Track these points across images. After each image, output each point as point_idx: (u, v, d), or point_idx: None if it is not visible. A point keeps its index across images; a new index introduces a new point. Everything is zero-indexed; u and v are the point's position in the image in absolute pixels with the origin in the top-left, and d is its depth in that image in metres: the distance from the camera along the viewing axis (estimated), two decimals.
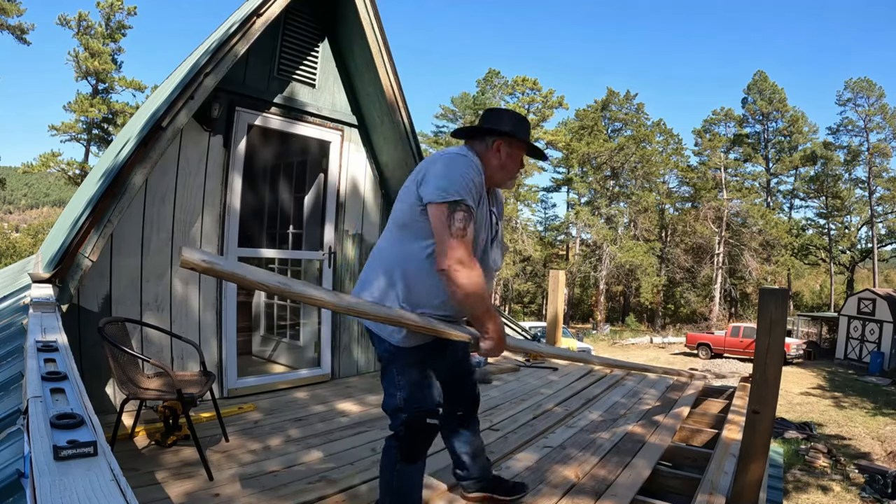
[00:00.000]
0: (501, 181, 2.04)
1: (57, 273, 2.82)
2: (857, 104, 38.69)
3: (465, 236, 1.74)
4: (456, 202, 1.75)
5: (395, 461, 1.95)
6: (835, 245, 40.50)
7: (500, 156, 1.98)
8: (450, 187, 1.76)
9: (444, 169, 1.82)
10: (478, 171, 1.86)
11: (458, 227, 1.74)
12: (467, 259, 1.74)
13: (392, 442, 1.98)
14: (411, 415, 1.92)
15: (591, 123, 41.63)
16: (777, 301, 2.39)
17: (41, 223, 38.47)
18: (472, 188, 1.80)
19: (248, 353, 5.37)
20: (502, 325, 1.91)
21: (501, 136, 1.97)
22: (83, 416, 1.02)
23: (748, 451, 2.47)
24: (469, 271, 1.74)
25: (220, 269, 1.49)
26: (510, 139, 1.98)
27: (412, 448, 1.94)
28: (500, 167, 1.99)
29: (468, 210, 1.76)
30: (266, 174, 5.76)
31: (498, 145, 1.97)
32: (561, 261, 42.77)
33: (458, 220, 1.74)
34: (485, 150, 1.98)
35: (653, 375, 5.53)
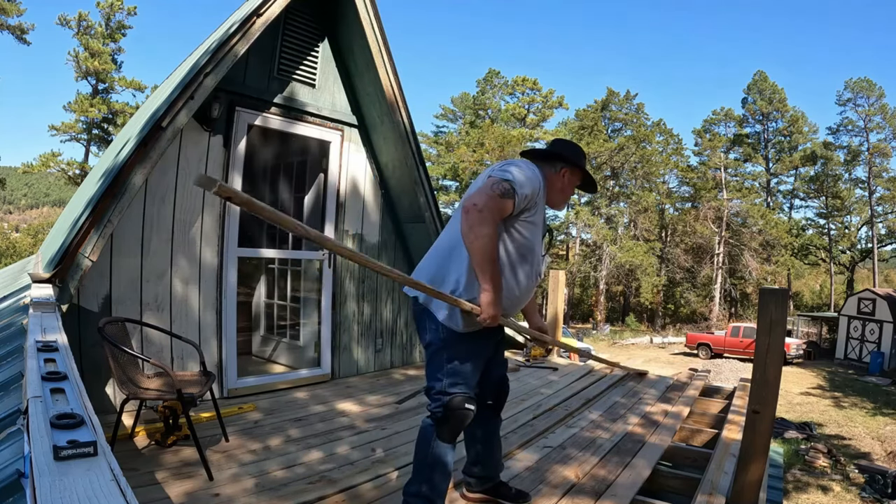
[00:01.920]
0: (557, 203, 2.26)
1: (57, 273, 2.82)
2: (857, 104, 38.69)
3: (498, 197, 1.93)
4: (505, 179, 1.97)
5: (432, 439, 2.09)
6: (835, 245, 40.50)
7: (563, 181, 2.24)
8: (507, 173, 1.99)
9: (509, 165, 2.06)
10: (537, 179, 2.07)
11: (497, 189, 1.94)
12: (486, 209, 1.91)
13: (429, 422, 2.13)
14: (452, 398, 2.05)
15: (591, 123, 41.61)
16: (777, 301, 2.39)
17: (41, 223, 38.46)
18: (525, 184, 2.00)
19: (248, 353, 5.37)
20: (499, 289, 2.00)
21: (570, 165, 2.22)
22: (83, 416, 1.02)
23: (748, 451, 2.47)
24: (481, 224, 1.90)
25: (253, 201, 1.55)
26: (574, 168, 2.23)
27: (450, 430, 2.08)
28: (560, 190, 2.24)
29: (513, 189, 1.96)
30: (266, 174, 5.75)
31: (564, 172, 2.23)
32: (561, 261, 42.76)
33: (499, 186, 1.95)
34: (552, 172, 2.22)
35: (652, 375, 5.53)
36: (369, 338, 5.04)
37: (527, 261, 2.12)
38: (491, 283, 1.96)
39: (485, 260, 1.94)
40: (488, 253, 1.94)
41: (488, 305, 1.96)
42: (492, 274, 1.96)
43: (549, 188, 2.20)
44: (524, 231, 2.08)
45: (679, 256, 39.07)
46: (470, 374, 2.11)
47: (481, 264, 1.95)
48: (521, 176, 2.00)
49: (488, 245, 1.93)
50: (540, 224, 2.14)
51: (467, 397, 2.08)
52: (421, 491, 2.08)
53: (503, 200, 1.95)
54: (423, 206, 4.98)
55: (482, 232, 1.91)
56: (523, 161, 2.16)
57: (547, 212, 2.26)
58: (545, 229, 2.23)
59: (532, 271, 2.16)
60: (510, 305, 2.14)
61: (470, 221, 1.92)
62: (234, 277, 4.02)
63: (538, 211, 2.10)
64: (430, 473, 2.08)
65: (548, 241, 2.28)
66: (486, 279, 1.95)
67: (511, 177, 1.98)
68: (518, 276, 2.12)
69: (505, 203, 1.95)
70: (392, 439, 3.21)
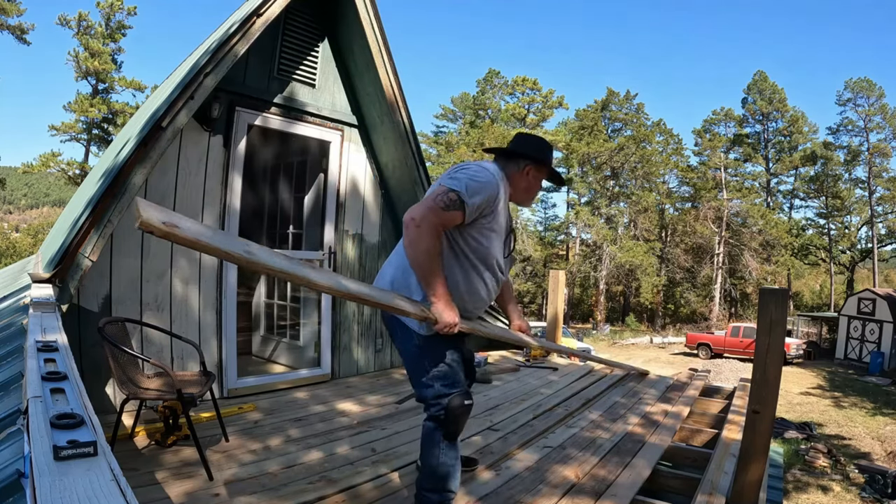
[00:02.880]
0: (523, 200, 2.26)
1: (57, 273, 2.82)
2: (857, 104, 38.69)
3: (441, 210, 1.90)
4: (452, 190, 1.92)
5: (439, 442, 2.09)
6: (835, 245, 40.50)
7: (528, 178, 2.20)
8: (456, 181, 1.95)
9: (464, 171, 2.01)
10: (495, 184, 2.02)
11: (440, 200, 1.90)
12: (428, 224, 1.88)
13: (432, 425, 2.10)
14: (450, 399, 2.05)
15: (591, 123, 41.61)
16: (777, 301, 2.39)
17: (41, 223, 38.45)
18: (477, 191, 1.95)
19: (248, 353, 5.37)
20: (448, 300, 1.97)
21: (533, 161, 2.17)
22: (83, 416, 1.02)
23: (748, 451, 2.47)
24: (422, 235, 1.88)
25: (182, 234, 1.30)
26: (539, 165, 2.19)
27: (453, 428, 2.08)
28: (525, 189, 2.21)
29: (460, 201, 1.91)
30: (266, 174, 5.76)
31: (528, 170, 2.18)
32: (561, 261, 42.75)
33: (444, 198, 1.91)
34: (515, 171, 2.17)
35: (652, 375, 5.53)
36: (369, 338, 5.04)
37: (487, 266, 2.11)
38: (437, 295, 1.94)
39: (426, 274, 1.93)
40: (428, 267, 1.92)
41: (441, 314, 1.94)
42: (436, 285, 1.94)
43: (514, 188, 2.18)
44: (481, 239, 2.05)
45: (679, 256, 39.06)
46: (456, 370, 2.12)
47: (424, 278, 1.95)
48: (472, 183, 1.95)
49: (427, 260, 1.91)
50: (500, 230, 2.11)
51: (464, 394, 2.09)
52: (435, 485, 2.11)
53: (447, 213, 1.91)
54: None
55: (420, 248, 1.89)
56: (482, 163, 2.09)
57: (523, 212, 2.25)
58: (508, 231, 2.20)
59: (493, 276, 2.16)
60: (474, 309, 2.17)
61: (409, 237, 1.91)
62: (234, 277, 4.01)
63: (496, 217, 2.06)
64: (442, 470, 2.10)
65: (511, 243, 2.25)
66: (431, 291, 1.94)
67: (460, 186, 1.93)
68: (477, 281, 2.12)
69: (450, 215, 1.92)
70: (392, 439, 3.21)
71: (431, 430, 2.11)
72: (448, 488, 2.13)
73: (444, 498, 2.12)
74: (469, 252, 2.06)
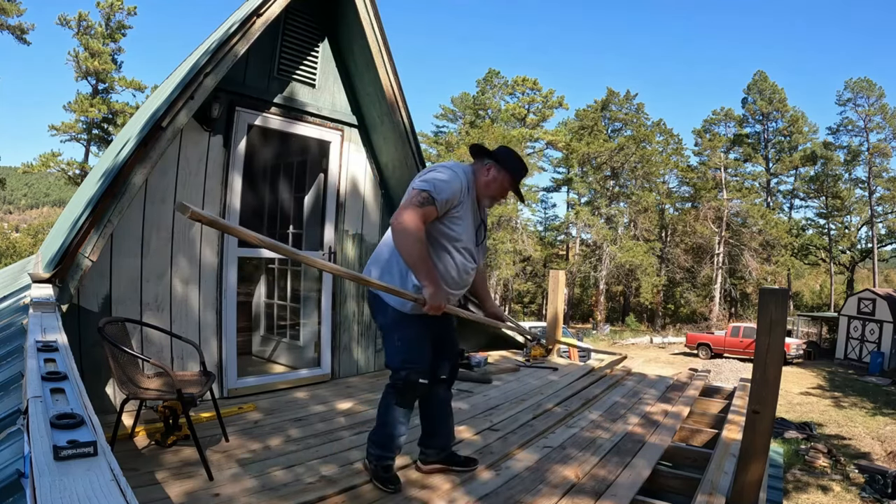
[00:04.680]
0: (483, 195, 2.51)
1: (57, 273, 2.82)
2: (857, 104, 38.68)
3: (418, 207, 2.24)
4: (424, 190, 2.28)
5: (392, 405, 2.48)
6: (835, 245, 40.49)
7: (487, 176, 2.48)
8: (422, 184, 2.31)
9: (430, 172, 2.38)
10: (458, 179, 2.36)
11: (416, 200, 2.26)
12: (409, 222, 2.22)
13: (390, 390, 2.49)
14: (408, 373, 2.40)
15: (591, 123, 41.61)
16: (777, 301, 2.39)
17: (41, 223, 38.45)
18: (443, 187, 2.29)
19: (248, 353, 5.37)
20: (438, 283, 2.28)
21: (495, 161, 2.47)
22: (83, 416, 1.02)
23: (748, 451, 2.47)
24: (405, 232, 2.22)
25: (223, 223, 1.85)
26: (499, 167, 2.47)
27: (404, 397, 2.46)
28: (485, 185, 2.48)
29: (430, 196, 2.27)
30: (266, 174, 5.75)
31: (490, 167, 2.48)
32: (561, 261, 42.74)
33: (419, 198, 2.26)
34: (480, 167, 2.51)
35: (652, 375, 5.53)
36: (369, 338, 5.04)
37: (457, 248, 2.43)
38: (428, 280, 2.24)
39: (417, 264, 2.24)
40: (417, 258, 2.23)
41: (431, 297, 2.23)
42: (426, 272, 2.25)
43: (477, 183, 2.48)
44: (452, 226, 2.39)
45: (679, 256, 39.06)
46: (420, 351, 2.43)
47: (415, 268, 2.26)
48: (438, 182, 2.29)
49: (416, 253, 2.22)
50: (469, 217, 2.43)
51: (420, 372, 2.40)
52: (379, 440, 2.50)
53: (423, 209, 2.25)
54: None
55: (407, 244, 2.22)
56: (448, 164, 2.45)
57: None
58: (478, 222, 2.52)
59: (466, 258, 2.47)
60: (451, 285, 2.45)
61: (396, 239, 2.26)
62: (234, 277, 4.02)
63: (465, 207, 2.40)
64: (388, 430, 2.48)
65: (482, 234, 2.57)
66: (423, 277, 2.25)
67: (429, 186, 2.28)
68: (448, 262, 2.42)
69: (426, 211, 2.26)
70: None
71: (389, 393, 2.50)
72: (389, 447, 2.48)
73: (383, 454, 2.48)
74: (440, 237, 2.39)
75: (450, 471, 2.70)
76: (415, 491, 2.49)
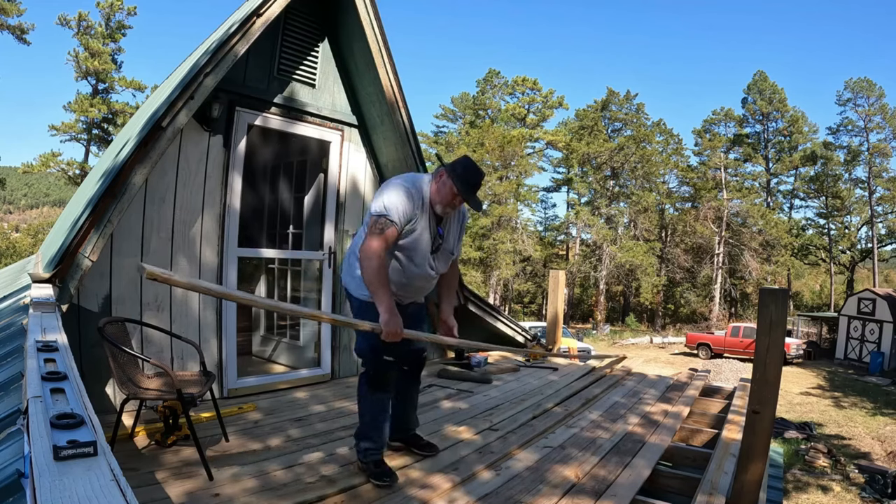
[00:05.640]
0: (434, 204, 2.54)
1: (57, 273, 2.82)
2: (857, 104, 38.67)
3: (378, 234, 2.38)
4: (380, 215, 2.40)
5: (366, 394, 2.63)
6: (835, 245, 40.48)
7: (438, 182, 2.53)
8: (380, 207, 2.41)
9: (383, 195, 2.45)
10: (410, 194, 2.46)
11: (375, 228, 2.40)
12: (372, 250, 2.37)
13: (363, 379, 2.65)
14: (369, 351, 2.57)
15: (591, 123, 41.60)
16: (777, 301, 2.39)
17: (41, 223, 38.41)
18: (396, 207, 2.40)
19: (248, 353, 5.37)
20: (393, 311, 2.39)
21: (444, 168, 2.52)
22: (83, 416, 1.02)
23: (748, 451, 2.47)
24: (368, 261, 2.37)
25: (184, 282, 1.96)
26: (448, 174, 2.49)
27: (376, 381, 2.61)
28: (435, 191, 2.54)
29: (387, 220, 2.40)
30: (266, 174, 5.75)
31: (441, 174, 2.53)
32: (561, 261, 42.75)
33: (378, 225, 2.40)
34: (434, 176, 2.58)
35: (652, 375, 5.53)
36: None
37: (409, 258, 2.55)
38: (384, 307, 2.36)
39: (377, 292, 2.39)
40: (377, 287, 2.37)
41: (385, 323, 2.36)
42: (385, 302, 2.37)
43: (432, 189, 2.54)
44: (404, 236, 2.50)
45: (679, 256, 39.05)
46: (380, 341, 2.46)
47: (374, 295, 2.40)
48: (390, 203, 2.40)
49: (376, 282, 2.37)
50: (423, 227, 2.52)
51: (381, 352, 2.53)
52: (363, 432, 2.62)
53: (385, 235, 2.39)
54: None
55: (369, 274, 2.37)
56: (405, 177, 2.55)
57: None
58: (435, 231, 2.59)
59: (417, 264, 2.57)
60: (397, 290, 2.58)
61: (362, 266, 2.41)
62: (235, 277, 4.01)
63: (418, 220, 2.49)
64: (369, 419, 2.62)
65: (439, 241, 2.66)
66: (380, 305, 2.38)
67: (384, 210, 2.39)
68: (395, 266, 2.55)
69: (388, 235, 2.39)
70: None
71: (362, 383, 2.65)
72: (375, 438, 2.60)
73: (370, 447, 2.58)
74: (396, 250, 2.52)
75: (448, 469, 2.72)
76: (415, 491, 2.49)
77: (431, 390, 4.37)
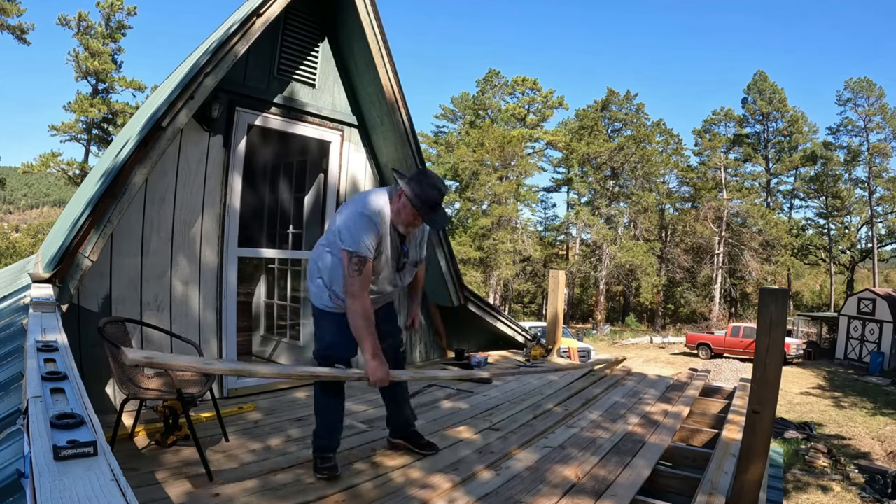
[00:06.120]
0: (398, 223, 2.48)
1: (57, 273, 2.82)
2: (857, 104, 38.65)
3: (357, 275, 2.38)
4: (354, 254, 2.38)
5: (319, 393, 2.70)
6: (835, 245, 40.47)
7: (398, 203, 2.45)
8: (350, 243, 2.38)
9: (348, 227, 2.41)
10: (373, 223, 2.41)
11: (353, 268, 2.39)
12: (356, 291, 2.39)
13: (317, 385, 2.70)
14: (322, 360, 2.61)
15: (591, 123, 41.58)
16: (777, 301, 2.39)
17: (41, 223, 38.39)
18: (364, 242, 2.38)
19: (248, 353, 5.37)
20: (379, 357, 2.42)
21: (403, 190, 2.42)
22: (83, 416, 1.02)
23: (748, 451, 2.47)
24: (353, 303, 2.39)
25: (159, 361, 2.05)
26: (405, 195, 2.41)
27: (328, 387, 2.66)
28: (395, 213, 2.47)
29: (360, 258, 2.38)
30: (266, 174, 5.76)
31: (400, 193, 2.44)
32: (561, 261, 42.74)
33: (353, 264, 2.38)
34: (393, 193, 2.49)
35: (652, 375, 5.53)
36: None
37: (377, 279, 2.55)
38: (370, 353, 2.39)
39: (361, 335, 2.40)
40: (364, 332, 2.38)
41: (371, 371, 2.39)
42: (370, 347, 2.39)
43: (392, 209, 2.47)
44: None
45: (679, 256, 39.04)
46: (339, 339, 2.57)
47: (359, 338, 2.43)
48: (357, 238, 2.37)
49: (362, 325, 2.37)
50: (386, 248, 2.49)
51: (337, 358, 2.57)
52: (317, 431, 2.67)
53: (363, 270, 2.38)
54: None
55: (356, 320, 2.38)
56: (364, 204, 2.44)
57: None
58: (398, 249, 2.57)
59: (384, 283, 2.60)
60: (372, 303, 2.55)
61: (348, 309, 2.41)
62: (234, 277, 4.01)
63: (383, 241, 2.47)
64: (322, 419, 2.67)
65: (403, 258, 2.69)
66: (366, 350, 2.40)
67: (352, 246, 2.37)
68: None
69: (365, 269, 2.39)
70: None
71: (315, 388, 2.72)
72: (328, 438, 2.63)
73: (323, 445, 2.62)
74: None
75: (448, 469, 2.73)
76: (415, 491, 2.49)
77: (431, 390, 4.37)
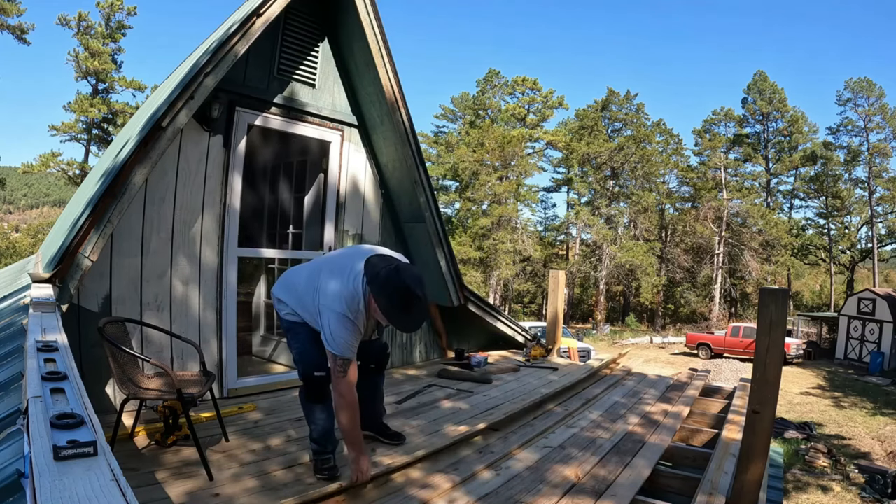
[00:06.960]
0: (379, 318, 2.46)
1: (57, 273, 2.82)
2: (857, 104, 38.64)
3: (342, 376, 2.43)
4: (338, 357, 2.42)
5: (305, 401, 2.74)
6: (835, 245, 40.46)
7: (372, 303, 2.39)
8: (334, 346, 2.40)
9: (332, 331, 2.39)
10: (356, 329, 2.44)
11: (338, 370, 2.44)
12: (343, 391, 2.45)
13: (302, 390, 2.76)
14: (302, 369, 2.70)
15: (591, 123, 41.57)
16: (777, 301, 2.39)
17: (41, 223, 38.39)
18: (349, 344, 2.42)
19: (248, 353, 5.37)
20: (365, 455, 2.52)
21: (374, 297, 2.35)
22: (83, 416, 1.02)
23: (748, 451, 2.47)
24: (342, 402, 2.46)
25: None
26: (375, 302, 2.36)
27: (312, 394, 2.70)
28: (374, 311, 2.42)
29: (345, 360, 2.43)
30: (266, 174, 5.75)
31: (371, 297, 2.39)
32: (561, 261, 42.73)
33: (339, 366, 2.43)
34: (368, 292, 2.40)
35: (652, 375, 5.53)
36: None
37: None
38: (356, 450, 2.48)
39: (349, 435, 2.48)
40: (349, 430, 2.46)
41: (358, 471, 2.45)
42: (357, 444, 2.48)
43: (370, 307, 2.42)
44: None
45: (679, 256, 39.03)
46: (310, 350, 2.64)
47: (347, 438, 2.50)
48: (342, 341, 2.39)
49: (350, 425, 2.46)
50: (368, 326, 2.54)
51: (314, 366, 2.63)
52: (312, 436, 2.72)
53: (349, 371, 2.44)
54: (423, 206, 4.98)
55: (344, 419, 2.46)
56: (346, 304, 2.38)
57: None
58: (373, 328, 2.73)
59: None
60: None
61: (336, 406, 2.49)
62: (235, 277, 4.01)
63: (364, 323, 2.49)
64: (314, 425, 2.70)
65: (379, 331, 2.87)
66: (352, 447, 2.48)
67: (338, 350, 2.39)
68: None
69: (351, 370, 2.45)
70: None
71: (301, 392, 2.76)
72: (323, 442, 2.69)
73: (320, 448, 2.68)
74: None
75: (448, 469, 2.74)
76: (415, 491, 2.49)
77: (431, 390, 4.37)
